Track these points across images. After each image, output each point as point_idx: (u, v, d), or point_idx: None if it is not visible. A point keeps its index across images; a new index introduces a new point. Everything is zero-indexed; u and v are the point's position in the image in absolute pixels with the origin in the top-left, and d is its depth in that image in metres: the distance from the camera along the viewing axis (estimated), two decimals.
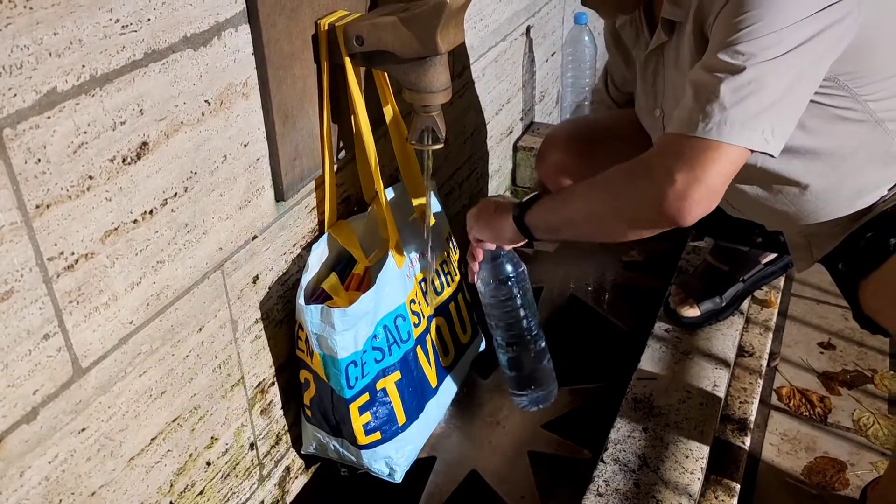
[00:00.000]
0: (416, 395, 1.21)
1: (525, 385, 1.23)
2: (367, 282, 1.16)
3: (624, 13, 1.10)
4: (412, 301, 1.20)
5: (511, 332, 1.20)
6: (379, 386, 1.14)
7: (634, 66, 1.18)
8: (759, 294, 1.54)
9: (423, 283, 1.24)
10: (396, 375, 1.17)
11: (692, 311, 1.40)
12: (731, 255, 1.45)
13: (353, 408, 1.11)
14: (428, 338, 1.26)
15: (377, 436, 1.14)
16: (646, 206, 0.88)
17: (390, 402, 1.16)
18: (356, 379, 1.10)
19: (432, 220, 1.21)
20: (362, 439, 1.13)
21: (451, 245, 1.33)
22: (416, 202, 1.24)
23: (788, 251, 1.18)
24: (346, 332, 1.05)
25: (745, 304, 1.45)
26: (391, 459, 1.17)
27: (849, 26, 0.84)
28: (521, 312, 1.19)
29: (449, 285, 1.32)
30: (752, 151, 0.84)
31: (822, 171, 1.00)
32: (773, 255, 1.46)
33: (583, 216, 0.99)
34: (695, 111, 0.84)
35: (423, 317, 1.24)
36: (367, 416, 1.13)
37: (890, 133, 0.97)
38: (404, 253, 1.18)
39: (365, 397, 1.12)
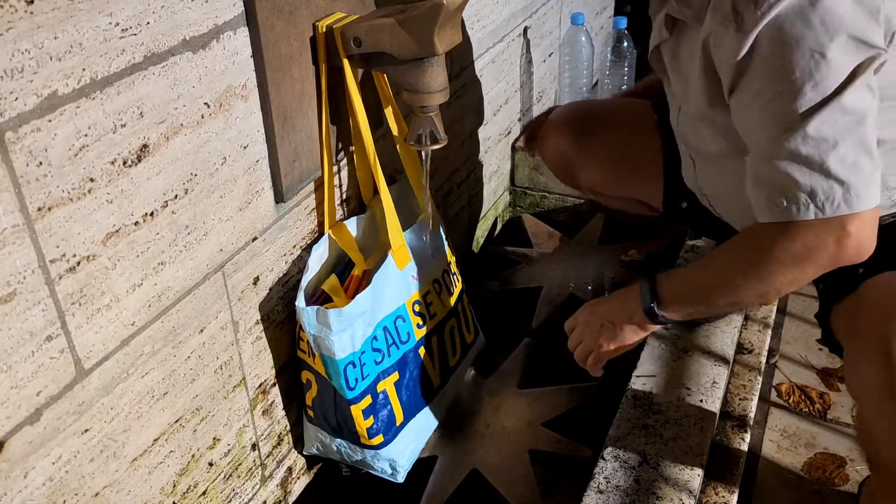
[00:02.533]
0: (417, 395, 1.22)
1: None
2: (365, 284, 1.16)
3: None
4: (416, 302, 1.20)
5: None
6: (380, 388, 1.15)
7: None
8: None
9: (435, 284, 1.25)
10: (395, 376, 1.17)
11: None
12: None
13: (356, 409, 1.11)
14: (434, 338, 1.26)
15: (380, 438, 1.15)
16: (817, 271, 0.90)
17: (391, 404, 1.16)
18: (356, 380, 1.10)
19: (432, 220, 1.22)
20: (365, 440, 1.14)
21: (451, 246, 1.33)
22: (416, 202, 1.24)
23: None
24: (343, 332, 1.06)
25: None
26: (393, 460, 1.17)
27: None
28: None
29: (456, 285, 1.32)
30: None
31: None
32: None
33: (730, 302, 1.00)
34: (812, 193, 0.85)
35: (429, 318, 1.24)
36: (371, 420, 1.13)
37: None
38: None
39: (367, 400, 1.12)
